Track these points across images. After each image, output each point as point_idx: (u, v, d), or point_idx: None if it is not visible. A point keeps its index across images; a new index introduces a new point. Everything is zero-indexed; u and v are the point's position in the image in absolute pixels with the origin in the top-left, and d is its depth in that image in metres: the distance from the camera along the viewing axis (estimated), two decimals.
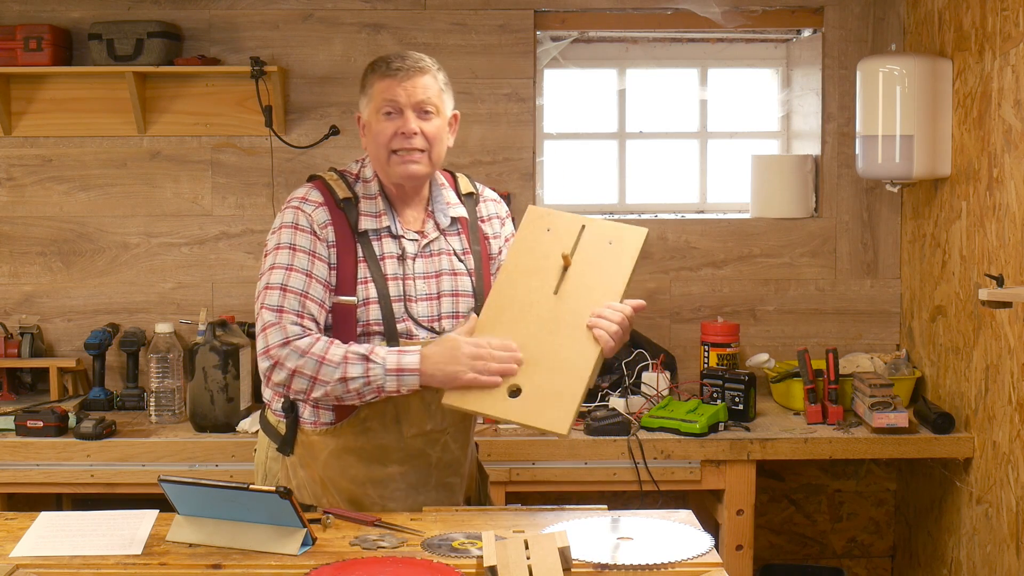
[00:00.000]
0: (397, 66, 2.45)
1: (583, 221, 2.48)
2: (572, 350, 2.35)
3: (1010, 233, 3.24)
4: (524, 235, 2.50)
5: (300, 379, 2.33)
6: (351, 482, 2.47)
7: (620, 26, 4.16)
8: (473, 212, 2.61)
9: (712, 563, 2.08)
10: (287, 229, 2.43)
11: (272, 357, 2.34)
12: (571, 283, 2.41)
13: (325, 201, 2.46)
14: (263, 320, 2.37)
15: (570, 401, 2.31)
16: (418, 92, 2.45)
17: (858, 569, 4.29)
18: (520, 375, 2.35)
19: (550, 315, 2.39)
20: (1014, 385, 3.23)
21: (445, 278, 2.52)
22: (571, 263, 2.42)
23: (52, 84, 4.01)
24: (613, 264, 2.42)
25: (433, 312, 2.49)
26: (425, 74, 2.46)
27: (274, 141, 4.01)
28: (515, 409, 2.33)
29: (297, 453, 2.50)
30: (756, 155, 4.25)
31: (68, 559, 2.12)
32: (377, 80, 2.46)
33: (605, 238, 2.45)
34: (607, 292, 2.39)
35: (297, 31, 4.04)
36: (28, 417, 3.49)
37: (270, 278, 2.40)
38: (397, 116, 2.45)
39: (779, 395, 3.91)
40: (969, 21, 3.51)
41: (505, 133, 4.08)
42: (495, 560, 1.99)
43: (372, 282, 2.43)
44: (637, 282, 4.07)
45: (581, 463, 3.47)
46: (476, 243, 2.58)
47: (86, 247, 4.08)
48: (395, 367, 2.32)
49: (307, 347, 2.33)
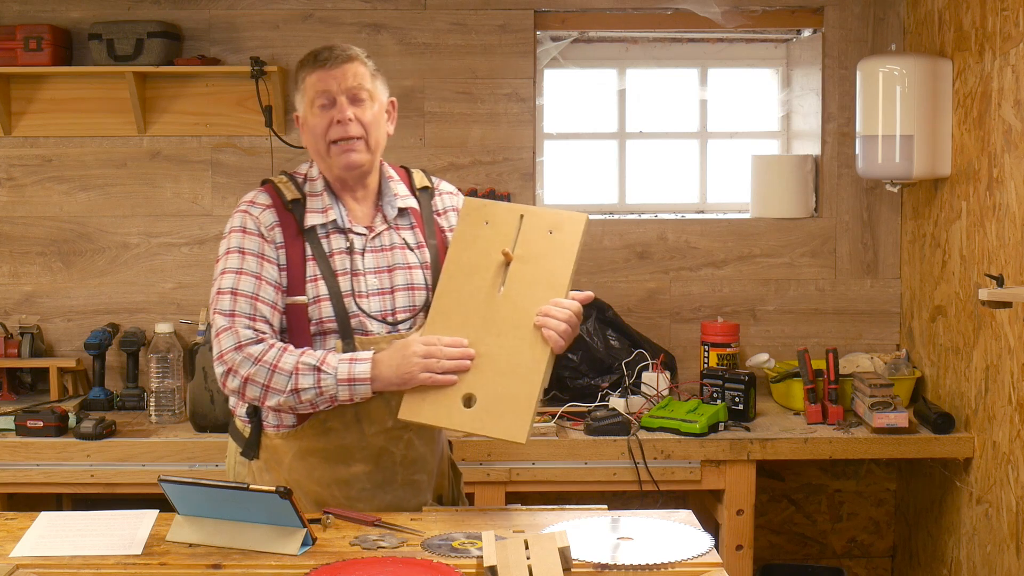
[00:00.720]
0: (325, 56, 2.45)
1: (521, 210, 2.44)
2: (522, 352, 2.33)
3: (1010, 233, 3.24)
4: (463, 230, 2.45)
5: (253, 387, 2.34)
6: (316, 484, 2.46)
7: (620, 26, 4.16)
8: (428, 205, 2.59)
9: (712, 563, 2.08)
10: (236, 233, 2.43)
11: (226, 363, 2.35)
12: (515, 279, 2.37)
13: (273, 203, 2.45)
14: (216, 325, 2.38)
15: (526, 408, 2.29)
16: (348, 79, 2.44)
17: (858, 569, 4.29)
18: (473, 382, 2.33)
19: (496, 315, 2.36)
20: (1014, 385, 3.23)
21: (399, 272, 2.50)
22: (512, 258, 2.38)
23: (52, 84, 4.01)
24: (556, 255, 2.37)
25: (387, 307, 2.47)
26: (354, 61, 2.46)
27: (274, 141, 4.01)
28: (471, 420, 2.32)
29: (262, 457, 2.49)
30: (756, 155, 4.25)
31: (68, 559, 2.11)
32: (307, 74, 2.47)
33: (545, 227, 2.40)
34: (552, 286, 2.35)
35: (297, 31, 4.04)
36: (28, 417, 3.49)
37: (221, 283, 2.40)
38: (331, 107, 2.44)
39: (779, 395, 3.91)
40: (969, 21, 3.51)
41: (505, 133, 4.08)
42: (495, 560, 1.99)
43: (322, 279, 2.42)
44: (637, 282, 4.11)
45: (581, 463, 3.47)
46: (432, 236, 2.56)
47: (86, 247, 4.08)
48: (346, 377, 2.32)
49: (260, 354, 2.34)
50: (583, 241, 2.38)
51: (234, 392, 2.37)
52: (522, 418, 2.29)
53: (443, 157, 4.06)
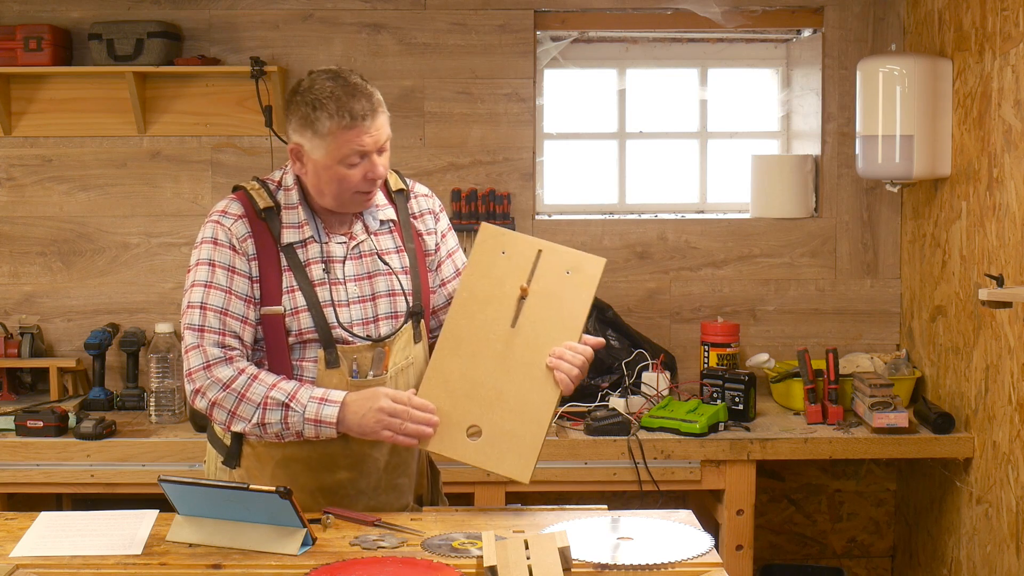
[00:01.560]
0: (362, 112, 2.33)
1: (539, 245, 2.42)
2: (532, 391, 2.34)
3: (1010, 233, 3.24)
4: (479, 258, 2.43)
5: (220, 411, 2.34)
6: (300, 491, 2.43)
7: (620, 26, 4.16)
8: (405, 209, 2.55)
9: (712, 563, 2.08)
10: (207, 244, 2.39)
11: (194, 382, 2.34)
12: (529, 316, 2.37)
13: (245, 213, 2.41)
14: (185, 342, 2.36)
15: (531, 448, 2.31)
16: (381, 135, 2.38)
17: (858, 569, 4.29)
18: (480, 415, 2.34)
19: (508, 350, 2.36)
20: (1014, 385, 3.23)
21: (380, 279, 2.47)
22: (529, 293, 2.37)
23: (52, 84, 4.01)
24: (572, 296, 2.37)
25: (368, 314, 2.45)
26: (380, 110, 2.38)
27: (274, 141, 4.01)
28: (475, 453, 2.33)
29: (244, 465, 2.46)
30: (756, 155, 4.25)
31: (68, 559, 2.11)
32: (339, 130, 2.33)
33: (563, 266, 2.39)
34: (566, 328, 2.35)
35: (297, 31, 4.04)
36: (28, 417, 3.49)
37: (191, 296, 2.37)
38: (362, 161, 2.37)
39: (779, 395, 3.91)
40: (969, 21, 3.51)
41: (505, 133, 4.08)
42: (495, 560, 1.99)
43: (299, 290, 2.39)
44: (637, 282, 4.11)
45: (581, 463, 3.47)
46: (410, 240, 2.53)
47: (86, 247, 4.08)
48: (313, 417, 2.32)
49: (229, 380, 2.32)
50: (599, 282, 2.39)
51: (202, 411, 2.37)
52: (527, 458, 2.32)
53: (443, 157, 4.06)
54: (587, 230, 4.13)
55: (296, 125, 2.38)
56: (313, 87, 2.37)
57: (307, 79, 2.40)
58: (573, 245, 4.05)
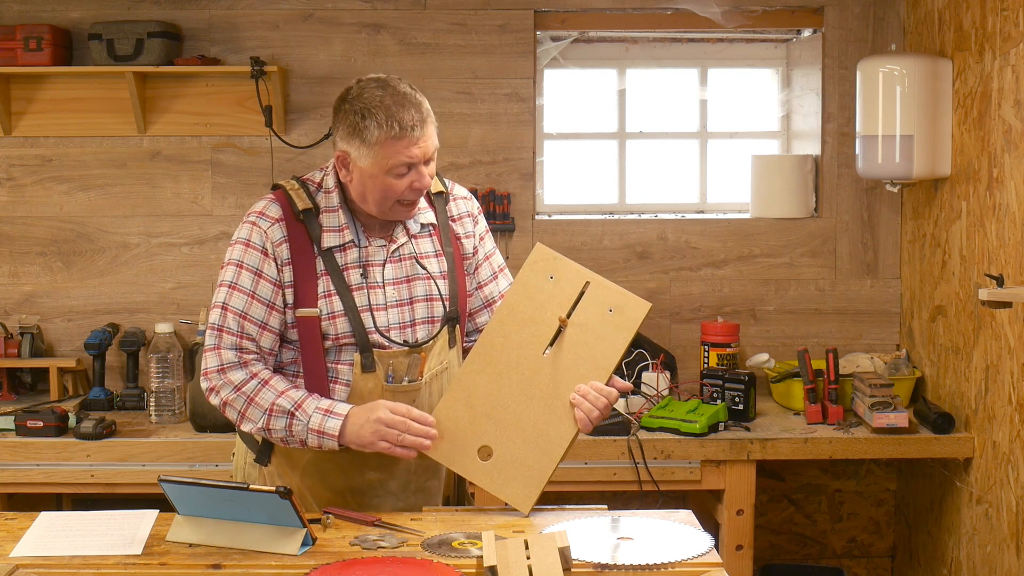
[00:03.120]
0: (411, 123, 2.31)
1: (588, 277, 2.39)
2: (550, 423, 2.33)
3: (1010, 233, 3.24)
4: (526, 277, 2.42)
5: (231, 410, 2.38)
6: (330, 490, 2.45)
7: (620, 26, 4.16)
8: (444, 212, 2.54)
9: (712, 563, 2.08)
10: (239, 245, 2.40)
11: (208, 381, 2.38)
12: (563, 348, 2.36)
13: (283, 215, 2.40)
14: (205, 341, 2.41)
15: (538, 480, 2.32)
16: (430, 146, 2.37)
17: (858, 569, 4.29)
18: (495, 437, 2.35)
19: (535, 377, 2.35)
20: (1014, 385, 3.23)
21: (418, 283, 2.46)
22: (568, 325, 2.36)
23: (52, 84, 4.01)
24: (610, 336, 2.35)
25: (405, 319, 2.45)
26: (428, 119, 2.36)
27: (274, 141, 4.01)
28: (483, 474, 2.35)
29: (275, 462, 2.48)
30: (756, 155, 4.25)
31: (68, 559, 2.11)
32: (388, 140, 2.31)
33: (607, 303, 2.36)
34: (597, 367, 2.34)
35: (297, 31, 4.04)
36: (28, 417, 3.50)
37: (216, 296, 2.40)
38: (409, 172, 2.36)
39: (779, 395, 3.91)
40: (969, 21, 3.51)
41: (505, 133, 4.08)
42: (495, 560, 1.99)
43: (336, 295, 2.39)
44: (637, 282, 4.11)
45: (581, 463, 3.47)
46: (448, 244, 2.52)
47: (86, 247, 4.08)
48: (317, 428, 2.33)
49: (240, 383, 2.35)
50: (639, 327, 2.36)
51: (216, 407, 2.41)
52: (532, 488, 2.32)
53: (443, 157, 4.06)
54: (587, 230, 4.13)
55: (344, 133, 2.36)
56: (362, 95, 2.35)
57: (356, 87, 2.38)
58: (573, 245, 4.11)
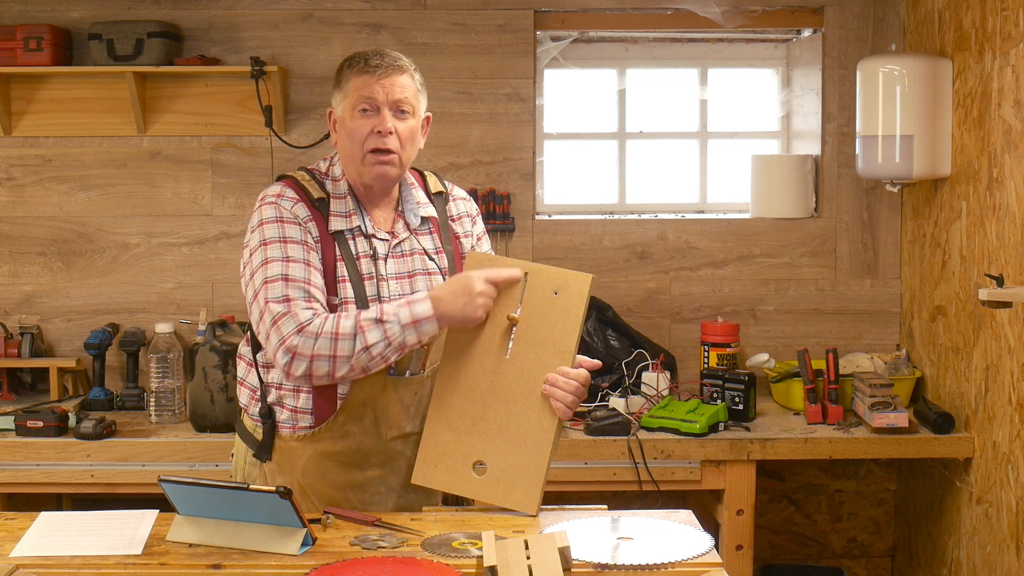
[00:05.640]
0: (376, 63, 2.38)
1: (525, 267, 2.38)
2: (531, 421, 2.33)
3: (1010, 233, 3.24)
4: None
5: (320, 363, 2.28)
6: (330, 487, 2.45)
7: (620, 26, 4.16)
8: (443, 211, 2.57)
9: (712, 563, 2.08)
10: (271, 224, 2.38)
11: (289, 350, 2.28)
12: (521, 343, 2.35)
13: (301, 198, 2.41)
14: (272, 313, 2.30)
15: (535, 479, 2.32)
16: (396, 90, 2.39)
17: (858, 569, 4.29)
18: (483, 449, 2.35)
19: (504, 380, 2.35)
20: (1014, 385, 3.23)
21: (419, 278, 2.48)
22: (518, 321, 2.35)
23: (52, 84, 4.01)
24: (561, 319, 2.33)
25: None
26: (403, 73, 2.41)
27: (274, 141, 4.01)
28: (482, 488, 2.35)
29: (275, 459, 2.47)
30: (756, 155, 4.25)
31: (68, 559, 2.11)
32: (354, 76, 2.40)
33: (550, 287, 2.35)
34: (559, 352, 2.33)
35: (297, 31, 4.04)
36: (28, 417, 3.49)
37: (267, 272, 2.34)
38: (374, 114, 2.39)
39: (779, 395, 3.91)
40: (969, 21, 3.51)
41: (505, 133, 4.08)
42: (495, 560, 1.99)
43: (349, 282, 2.40)
44: (637, 282, 4.11)
45: (581, 463, 3.47)
46: (448, 242, 2.54)
47: (86, 247, 4.08)
48: (410, 320, 2.29)
49: (317, 329, 2.28)
50: (588, 300, 2.35)
51: (302, 379, 2.32)
52: (532, 489, 2.32)
53: (443, 157, 4.06)
54: (587, 230, 4.13)
55: (333, 92, 2.47)
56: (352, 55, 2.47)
57: None
58: (573, 245, 4.11)
